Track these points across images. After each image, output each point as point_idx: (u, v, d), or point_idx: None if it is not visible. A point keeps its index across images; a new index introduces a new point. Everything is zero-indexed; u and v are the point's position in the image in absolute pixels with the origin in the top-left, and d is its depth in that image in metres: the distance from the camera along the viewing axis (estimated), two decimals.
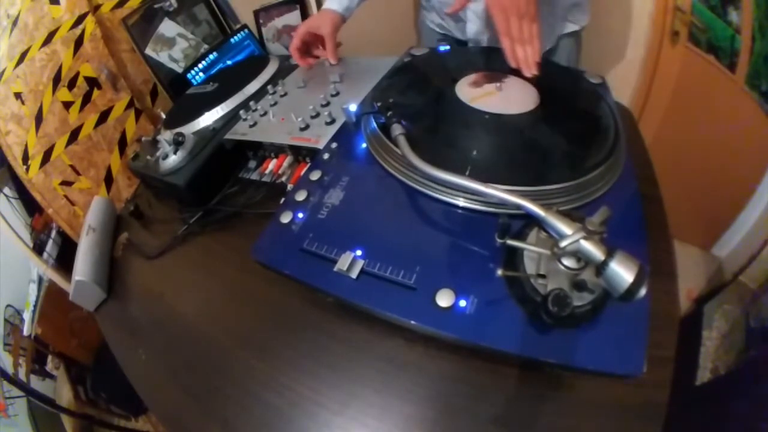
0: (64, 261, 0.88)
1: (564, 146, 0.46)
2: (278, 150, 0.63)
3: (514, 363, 0.39)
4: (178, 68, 1.00)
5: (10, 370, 0.81)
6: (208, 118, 0.68)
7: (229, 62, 0.99)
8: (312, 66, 0.76)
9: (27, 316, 0.88)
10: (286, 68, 0.79)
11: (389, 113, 0.47)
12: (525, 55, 0.55)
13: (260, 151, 0.66)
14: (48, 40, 0.83)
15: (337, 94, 0.65)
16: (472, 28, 0.72)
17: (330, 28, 0.72)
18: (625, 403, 0.36)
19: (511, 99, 0.51)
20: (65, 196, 0.87)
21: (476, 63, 0.61)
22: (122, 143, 0.98)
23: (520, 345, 0.32)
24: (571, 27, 0.73)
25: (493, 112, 0.49)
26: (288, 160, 0.62)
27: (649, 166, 0.55)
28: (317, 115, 0.61)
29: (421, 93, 0.58)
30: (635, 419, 0.35)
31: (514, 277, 0.34)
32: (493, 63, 0.59)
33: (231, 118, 0.68)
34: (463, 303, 0.34)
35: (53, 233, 0.90)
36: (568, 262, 0.31)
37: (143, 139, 0.73)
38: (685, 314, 0.95)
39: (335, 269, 0.38)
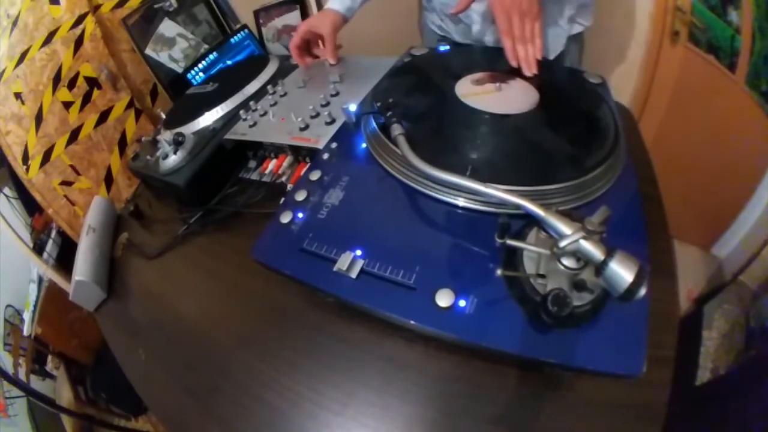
0: (64, 261, 0.88)
1: (564, 146, 0.46)
2: (278, 150, 0.63)
3: (514, 363, 0.39)
4: (178, 68, 1.00)
5: (10, 370, 0.81)
6: (208, 118, 0.68)
7: (229, 62, 0.99)
8: (309, 66, 0.76)
9: (27, 316, 0.88)
10: (286, 68, 0.79)
11: (389, 113, 0.47)
12: (526, 53, 0.55)
13: (260, 151, 0.66)
14: (48, 40, 0.83)
15: (337, 94, 0.65)
16: (477, 29, 0.72)
17: (330, 28, 0.72)
18: (625, 403, 0.36)
19: (511, 99, 0.51)
20: (65, 196, 0.87)
21: (476, 63, 0.61)
22: (122, 143, 0.98)
23: (520, 345, 0.32)
24: (577, 28, 0.73)
25: (493, 112, 0.49)
26: (288, 160, 0.62)
27: (649, 166, 0.55)
28: (317, 115, 0.61)
29: (421, 93, 0.58)
30: (635, 419, 0.35)
31: (513, 277, 0.34)
32: (493, 63, 0.59)
33: (231, 118, 0.68)
34: (462, 303, 0.34)
35: (53, 233, 0.90)
36: (568, 262, 0.31)
37: (143, 139, 0.74)
38: (685, 314, 0.95)
39: (335, 269, 0.38)
